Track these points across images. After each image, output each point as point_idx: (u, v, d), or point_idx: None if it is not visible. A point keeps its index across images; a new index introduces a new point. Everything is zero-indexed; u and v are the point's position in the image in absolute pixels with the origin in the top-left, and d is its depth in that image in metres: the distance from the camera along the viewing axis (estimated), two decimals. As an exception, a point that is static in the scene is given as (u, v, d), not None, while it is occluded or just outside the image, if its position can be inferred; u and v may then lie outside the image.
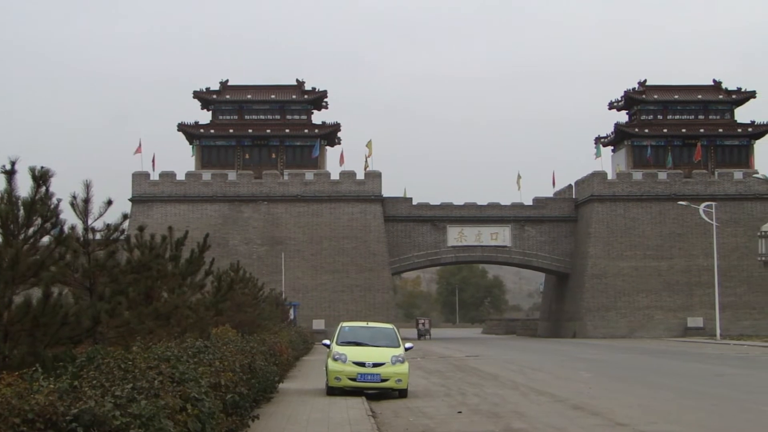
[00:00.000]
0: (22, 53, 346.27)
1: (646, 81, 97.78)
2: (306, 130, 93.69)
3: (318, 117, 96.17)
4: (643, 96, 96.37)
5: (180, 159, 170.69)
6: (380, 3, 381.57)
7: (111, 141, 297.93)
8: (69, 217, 14.12)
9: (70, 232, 14.05)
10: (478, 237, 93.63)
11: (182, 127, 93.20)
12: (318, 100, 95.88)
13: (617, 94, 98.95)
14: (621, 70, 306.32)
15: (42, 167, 12.71)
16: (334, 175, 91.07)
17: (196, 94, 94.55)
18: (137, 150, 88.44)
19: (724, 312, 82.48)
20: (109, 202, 15.11)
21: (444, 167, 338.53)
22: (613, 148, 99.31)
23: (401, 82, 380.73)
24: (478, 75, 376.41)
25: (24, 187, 12.37)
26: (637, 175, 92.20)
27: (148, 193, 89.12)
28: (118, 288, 14.73)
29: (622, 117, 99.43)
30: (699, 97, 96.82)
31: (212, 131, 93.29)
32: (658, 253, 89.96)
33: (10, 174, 12.24)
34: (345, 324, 30.55)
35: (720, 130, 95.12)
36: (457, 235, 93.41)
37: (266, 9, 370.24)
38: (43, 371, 10.68)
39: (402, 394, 27.41)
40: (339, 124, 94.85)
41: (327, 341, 29.70)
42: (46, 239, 13.11)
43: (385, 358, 27.16)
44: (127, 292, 14.85)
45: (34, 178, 12.56)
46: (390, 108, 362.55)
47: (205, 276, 21.74)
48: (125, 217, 16.12)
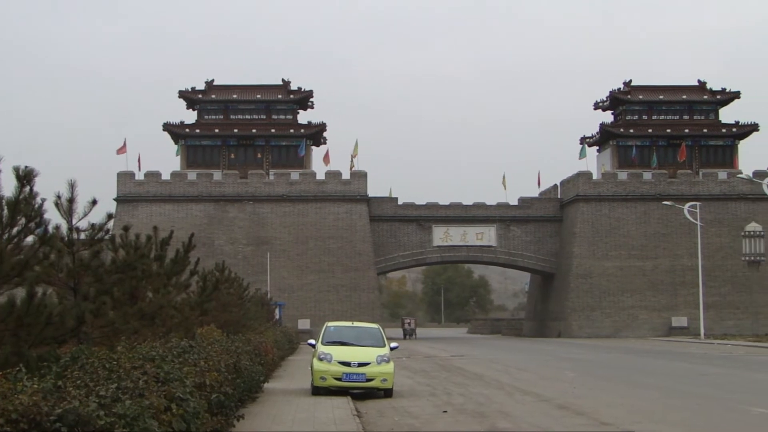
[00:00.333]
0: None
1: (631, 81, 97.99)
2: (292, 130, 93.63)
3: (304, 117, 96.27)
4: (629, 96, 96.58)
5: (165, 159, 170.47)
6: (367, 3, 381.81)
7: (100, 141, 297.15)
8: (53, 217, 14.09)
9: (54, 232, 14.00)
10: (464, 237, 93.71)
11: (167, 127, 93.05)
12: (304, 99, 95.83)
13: (603, 95, 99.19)
14: (607, 71, 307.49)
15: (26, 167, 12.67)
16: (320, 175, 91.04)
17: (182, 94, 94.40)
18: (122, 149, 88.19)
19: (709, 312, 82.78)
20: (94, 202, 15.07)
21: (430, 167, 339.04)
22: (598, 148, 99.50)
23: (387, 82, 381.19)
24: (464, 75, 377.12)
25: (8, 186, 12.32)
26: (622, 175, 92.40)
27: (133, 192, 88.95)
28: (102, 288, 14.70)
29: (608, 117, 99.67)
30: (684, 97, 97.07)
31: (197, 131, 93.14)
32: (643, 253, 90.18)
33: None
34: (330, 324, 30.51)
35: (704, 131, 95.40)
36: (443, 235, 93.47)
37: (252, 9, 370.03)
38: (27, 371, 10.65)
39: (387, 393, 27.41)
40: (325, 123, 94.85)
41: (312, 341, 29.69)
42: (30, 239, 13.07)
43: (371, 358, 27.15)
44: (111, 292, 14.82)
45: (18, 177, 12.52)
46: (376, 108, 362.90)
47: (190, 276, 21.71)
48: (110, 216, 16.07)
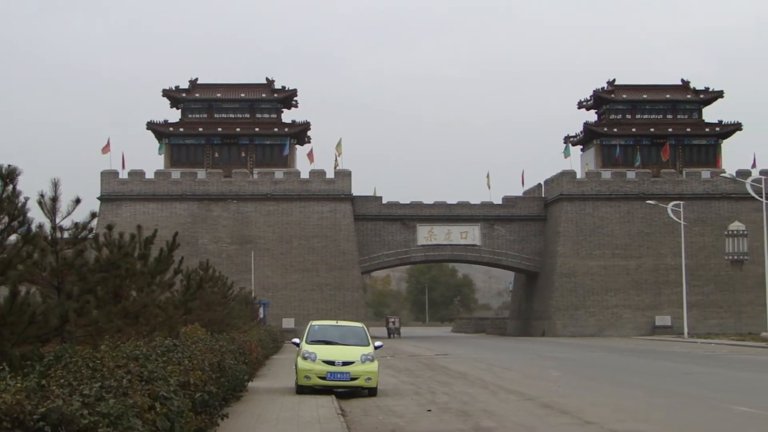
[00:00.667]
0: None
1: (615, 80, 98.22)
2: (276, 129, 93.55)
3: (288, 116, 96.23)
4: (612, 95, 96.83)
5: (149, 158, 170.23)
6: (351, 2, 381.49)
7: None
8: (37, 216, 14.05)
9: (37, 231, 13.97)
10: (448, 236, 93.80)
11: (151, 126, 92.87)
12: (288, 98, 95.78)
13: (587, 94, 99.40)
14: (591, 70, 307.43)
15: (9, 165, 12.63)
16: (304, 174, 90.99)
17: (166, 93, 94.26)
18: (106, 148, 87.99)
19: (692, 310, 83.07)
20: (77, 201, 15.01)
21: (414, 166, 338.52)
22: (582, 147, 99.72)
23: (372, 81, 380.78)
24: (448, 74, 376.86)
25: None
26: (606, 174, 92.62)
27: (117, 191, 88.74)
28: (86, 287, 14.65)
29: (591, 116, 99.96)
30: (667, 96, 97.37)
31: (181, 130, 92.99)
32: (627, 252, 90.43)
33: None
34: (314, 323, 30.51)
35: (688, 130, 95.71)
36: (427, 234, 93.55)
37: (235, 7, 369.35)
38: (11, 370, 10.61)
39: (371, 392, 27.43)
40: (309, 122, 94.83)
41: (297, 340, 29.72)
42: (13, 238, 13.03)
43: (355, 357, 27.17)
44: (95, 291, 14.78)
45: (1, 176, 12.48)
46: (360, 107, 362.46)
47: (174, 275, 21.65)
48: (93, 215, 16.01)
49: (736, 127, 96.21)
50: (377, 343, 29.25)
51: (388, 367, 39.80)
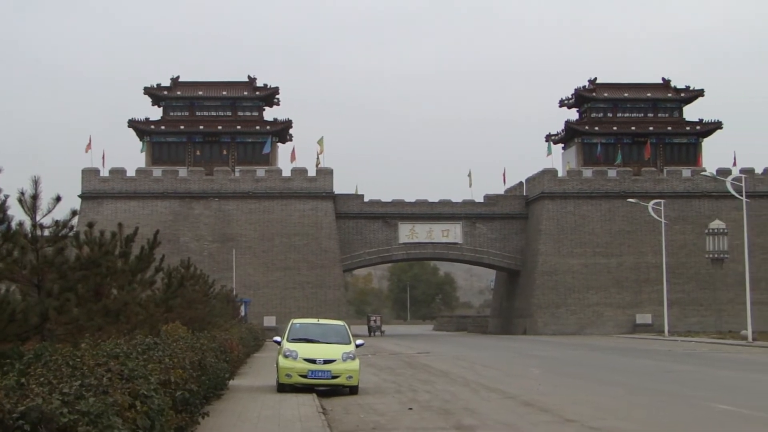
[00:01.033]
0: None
1: (596, 79, 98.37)
2: (257, 127, 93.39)
3: (270, 114, 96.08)
4: (594, 94, 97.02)
5: (130, 155, 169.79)
6: (331, 1, 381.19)
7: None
8: (17, 214, 13.99)
9: (17, 229, 13.92)
10: (430, 234, 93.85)
11: (133, 124, 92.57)
12: (270, 96, 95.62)
13: (568, 92, 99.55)
14: (572, 69, 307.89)
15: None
16: (286, 172, 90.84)
17: (147, 91, 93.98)
18: (87, 147, 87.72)
19: (672, 309, 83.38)
20: (58, 199, 14.96)
21: (396, 165, 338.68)
22: (563, 145, 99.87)
23: (354, 79, 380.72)
24: (430, 73, 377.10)
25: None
26: (587, 172, 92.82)
27: (97, 189, 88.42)
28: (66, 285, 14.61)
29: (573, 115, 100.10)
30: (648, 95, 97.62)
31: (163, 128, 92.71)
32: (608, 250, 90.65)
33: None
34: (296, 321, 30.48)
35: (669, 128, 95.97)
36: (409, 232, 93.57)
37: (217, 5, 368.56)
38: (-10, 368, 10.56)
39: (353, 390, 27.44)
40: (291, 120, 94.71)
41: (278, 338, 29.71)
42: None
43: (336, 355, 27.15)
44: (75, 289, 14.73)
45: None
46: (342, 105, 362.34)
47: (155, 273, 21.62)
48: (74, 213, 15.96)
49: (717, 125, 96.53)
50: (358, 342, 29.24)
51: (369, 366, 39.81)
